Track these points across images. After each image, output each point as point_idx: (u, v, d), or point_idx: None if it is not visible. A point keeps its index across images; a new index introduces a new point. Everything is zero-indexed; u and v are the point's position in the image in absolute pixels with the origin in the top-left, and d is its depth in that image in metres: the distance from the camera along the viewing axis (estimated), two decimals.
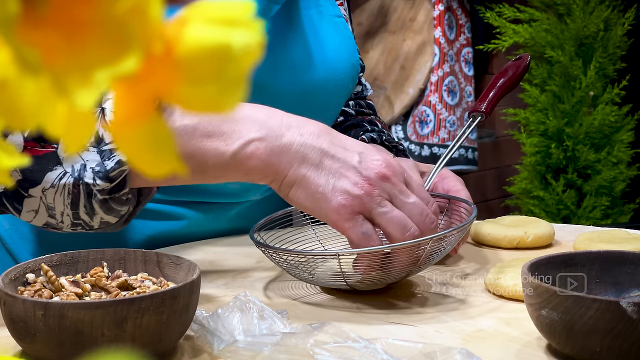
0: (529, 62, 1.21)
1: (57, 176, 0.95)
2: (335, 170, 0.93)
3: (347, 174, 0.93)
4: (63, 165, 0.95)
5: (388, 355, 0.75)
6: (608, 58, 2.98)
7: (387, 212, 0.93)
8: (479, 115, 1.15)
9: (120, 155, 0.94)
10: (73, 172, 0.94)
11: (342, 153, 0.95)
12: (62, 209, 0.96)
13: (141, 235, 1.17)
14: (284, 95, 1.17)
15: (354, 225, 0.92)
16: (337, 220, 0.93)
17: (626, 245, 1.08)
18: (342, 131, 1.33)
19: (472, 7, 3.17)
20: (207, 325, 0.82)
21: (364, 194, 0.92)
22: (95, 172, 0.94)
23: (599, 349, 0.77)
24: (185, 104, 0.37)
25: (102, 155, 0.94)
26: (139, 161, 0.38)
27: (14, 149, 0.36)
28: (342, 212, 0.92)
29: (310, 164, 0.94)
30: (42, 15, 0.34)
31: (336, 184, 0.93)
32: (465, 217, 1.04)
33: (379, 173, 0.93)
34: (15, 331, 0.80)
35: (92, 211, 0.96)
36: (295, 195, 0.94)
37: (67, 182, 0.95)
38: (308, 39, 1.20)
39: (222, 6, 0.36)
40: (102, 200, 0.95)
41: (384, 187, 0.93)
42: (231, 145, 0.94)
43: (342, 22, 1.26)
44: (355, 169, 0.94)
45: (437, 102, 3.06)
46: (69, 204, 0.95)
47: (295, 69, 1.18)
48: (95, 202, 0.95)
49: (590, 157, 2.94)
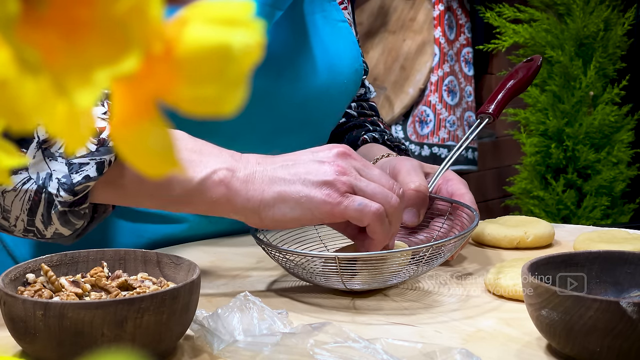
0: (540, 64, 1.19)
1: (21, 180, 0.94)
2: (302, 173, 0.95)
3: (313, 170, 0.95)
4: (28, 171, 0.94)
5: (388, 355, 0.75)
6: (608, 58, 2.98)
7: (366, 185, 0.95)
8: (487, 117, 1.14)
9: (88, 171, 0.94)
10: (37, 179, 0.94)
11: (296, 158, 0.97)
12: (18, 213, 0.96)
13: (142, 239, 1.17)
14: (287, 100, 1.17)
15: (346, 204, 0.93)
16: (330, 209, 0.93)
17: (626, 245, 1.08)
18: (344, 132, 1.33)
19: (472, 7, 3.17)
20: (207, 325, 0.82)
21: (339, 174, 0.94)
22: (60, 184, 0.94)
23: (599, 349, 0.77)
24: (185, 104, 0.37)
25: (70, 167, 0.94)
26: (138, 161, 0.38)
27: (14, 149, 0.36)
28: (330, 199, 0.93)
29: (278, 181, 0.95)
30: (42, 15, 0.34)
31: (311, 181, 0.94)
32: (467, 222, 1.04)
33: (337, 153, 0.96)
34: (15, 331, 0.80)
35: (49, 221, 0.96)
36: (278, 213, 0.94)
37: (29, 187, 0.94)
38: (312, 45, 1.20)
39: (222, 6, 0.36)
40: (61, 211, 0.95)
41: (349, 163, 0.96)
42: (199, 172, 0.95)
43: (346, 26, 1.26)
44: (316, 161, 0.95)
45: (437, 102, 3.06)
46: (26, 209, 0.95)
47: (299, 75, 1.18)
48: (54, 213, 0.95)
49: (590, 157, 2.94)
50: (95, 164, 0.94)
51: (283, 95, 1.16)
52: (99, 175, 0.94)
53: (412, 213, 1.06)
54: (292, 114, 1.19)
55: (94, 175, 0.94)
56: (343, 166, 0.95)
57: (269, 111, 1.15)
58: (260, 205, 0.94)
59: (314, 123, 1.23)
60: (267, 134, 1.17)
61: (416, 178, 1.06)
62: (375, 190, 0.94)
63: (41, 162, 0.94)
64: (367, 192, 0.94)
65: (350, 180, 0.94)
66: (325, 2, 1.25)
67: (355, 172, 0.95)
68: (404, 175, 1.07)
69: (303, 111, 1.19)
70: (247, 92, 0.36)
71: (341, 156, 0.96)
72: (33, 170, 0.94)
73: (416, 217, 1.07)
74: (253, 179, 0.95)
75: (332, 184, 0.94)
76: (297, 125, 1.20)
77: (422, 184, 1.06)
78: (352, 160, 0.96)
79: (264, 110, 1.15)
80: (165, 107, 0.37)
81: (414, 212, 1.06)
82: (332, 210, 0.93)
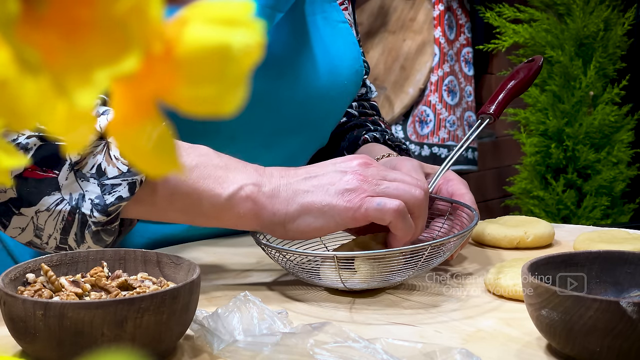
0: (542, 65, 1.19)
1: (54, 201, 0.96)
2: (325, 183, 0.97)
3: (335, 180, 0.97)
4: (61, 192, 0.96)
5: (388, 355, 0.75)
6: (608, 58, 2.98)
7: (387, 186, 0.97)
8: (487, 117, 1.14)
9: (120, 192, 0.95)
10: (71, 200, 0.96)
11: (318, 170, 0.99)
12: (51, 232, 0.97)
13: (142, 239, 1.17)
14: (287, 101, 1.17)
15: (367, 206, 0.95)
16: (352, 215, 0.95)
17: (626, 245, 1.08)
18: (345, 131, 1.33)
19: (472, 7, 3.17)
20: (207, 325, 0.82)
21: (361, 182, 0.96)
22: (94, 205, 0.96)
23: (599, 349, 0.77)
24: (185, 104, 0.36)
25: (102, 188, 0.96)
26: (138, 161, 0.38)
27: (14, 149, 0.36)
28: (352, 204, 0.95)
29: (302, 193, 0.97)
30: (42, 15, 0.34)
31: (333, 190, 0.96)
32: (467, 222, 1.04)
33: (359, 164, 0.98)
34: (15, 331, 0.80)
35: (82, 240, 0.97)
36: (302, 224, 0.97)
37: (63, 209, 0.96)
38: (312, 46, 1.20)
39: (222, 6, 0.36)
40: (94, 231, 0.96)
41: (371, 172, 0.98)
42: (227, 188, 0.97)
43: (347, 27, 1.26)
44: (338, 172, 0.98)
45: (437, 102, 3.06)
46: (60, 229, 0.97)
47: (299, 76, 1.18)
48: (88, 233, 0.96)
49: (590, 157, 2.94)
50: (127, 185, 0.96)
51: (283, 96, 1.16)
52: (131, 195, 0.96)
53: None
54: (292, 114, 1.19)
55: (126, 195, 0.96)
56: (364, 174, 0.97)
57: (269, 112, 1.16)
58: (286, 218, 0.97)
59: (314, 124, 1.23)
60: (267, 135, 1.17)
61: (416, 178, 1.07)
62: (398, 188, 0.96)
63: (74, 184, 0.96)
64: (389, 192, 0.96)
65: (371, 186, 0.96)
66: (325, 3, 1.25)
67: (377, 178, 0.97)
68: None
69: (303, 112, 1.19)
70: (247, 92, 0.36)
71: (362, 165, 0.98)
72: (66, 191, 0.96)
73: None
74: (278, 193, 0.97)
75: (354, 190, 0.96)
76: (297, 126, 1.20)
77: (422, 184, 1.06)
78: (373, 168, 0.98)
79: (265, 111, 1.15)
80: (165, 107, 0.37)
81: None
82: (354, 215, 0.95)
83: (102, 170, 0.96)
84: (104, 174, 0.96)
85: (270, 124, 1.17)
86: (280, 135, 1.18)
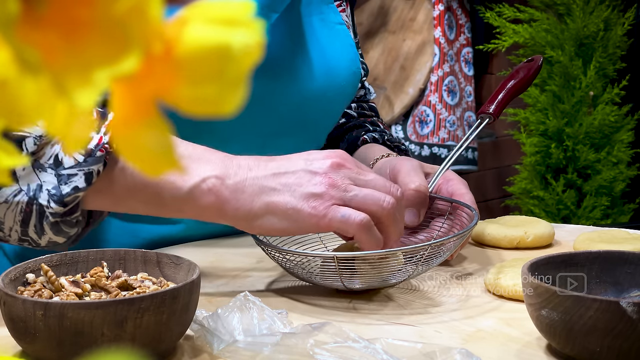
0: (541, 65, 1.19)
1: (12, 192, 0.95)
2: (292, 183, 0.95)
3: (303, 181, 0.94)
4: (19, 183, 0.95)
5: (388, 355, 0.75)
6: (608, 58, 2.98)
7: (356, 194, 0.94)
8: (487, 117, 1.14)
9: (77, 182, 0.94)
10: (28, 191, 0.95)
11: (288, 166, 0.96)
12: (11, 224, 0.96)
13: (137, 239, 1.16)
14: (284, 102, 1.17)
15: (331, 216, 0.93)
16: (316, 222, 0.94)
17: (626, 245, 1.08)
18: (344, 132, 1.33)
19: (472, 7, 3.17)
20: (207, 325, 0.82)
21: (328, 187, 0.94)
22: (50, 195, 0.94)
23: (599, 349, 0.77)
24: (184, 104, 0.36)
25: (59, 179, 0.94)
26: (137, 161, 0.38)
27: (14, 149, 0.36)
28: (316, 212, 0.93)
29: (268, 191, 0.95)
30: (42, 15, 0.34)
31: (299, 193, 0.94)
32: (466, 222, 1.04)
33: (331, 164, 0.95)
34: (15, 331, 0.80)
35: (42, 231, 0.96)
36: (266, 223, 0.95)
37: (21, 199, 0.95)
38: (309, 47, 1.20)
39: (222, 6, 0.36)
40: (53, 222, 0.95)
41: (342, 174, 0.95)
42: (188, 180, 0.95)
43: (344, 29, 1.26)
44: (308, 171, 0.95)
45: (437, 102, 3.06)
46: (19, 221, 0.95)
47: (296, 77, 1.18)
48: (46, 224, 0.95)
49: (590, 157, 2.94)
50: (83, 175, 0.94)
51: (280, 97, 1.16)
52: (87, 185, 0.94)
53: (412, 213, 1.06)
54: (289, 116, 1.18)
55: (82, 186, 0.94)
56: (334, 178, 0.94)
57: (265, 113, 1.15)
58: (249, 215, 0.95)
59: (311, 125, 1.23)
60: (263, 136, 1.17)
61: (416, 178, 1.07)
62: (367, 197, 0.94)
63: (31, 174, 0.95)
64: (357, 201, 0.94)
65: (339, 192, 0.94)
66: (322, 4, 1.25)
67: (347, 182, 0.95)
68: (404, 176, 1.07)
69: (300, 113, 1.19)
70: (246, 92, 0.36)
71: (334, 167, 0.95)
72: (23, 182, 0.95)
73: (416, 217, 1.07)
74: (243, 188, 0.95)
75: (320, 196, 0.94)
76: (294, 127, 1.20)
77: (422, 184, 1.06)
78: (345, 170, 0.96)
79: (261, 112, 1.15)
80: (165, 107, 0.37)
81: (414, 212, 1.06)
82: (318, 223, 0.94)
83: (59, 160, 0.94)
84: (61, 164, 0.94)
85: (266, 126, 1.17)
86: (276, 137, 1.18)
